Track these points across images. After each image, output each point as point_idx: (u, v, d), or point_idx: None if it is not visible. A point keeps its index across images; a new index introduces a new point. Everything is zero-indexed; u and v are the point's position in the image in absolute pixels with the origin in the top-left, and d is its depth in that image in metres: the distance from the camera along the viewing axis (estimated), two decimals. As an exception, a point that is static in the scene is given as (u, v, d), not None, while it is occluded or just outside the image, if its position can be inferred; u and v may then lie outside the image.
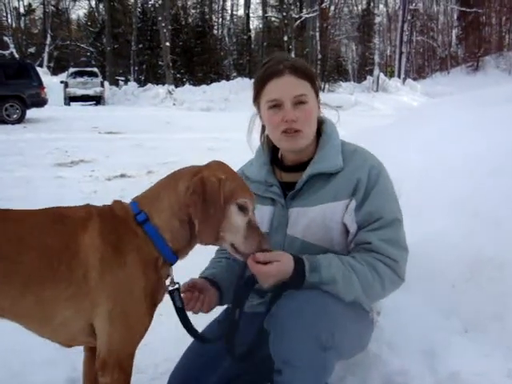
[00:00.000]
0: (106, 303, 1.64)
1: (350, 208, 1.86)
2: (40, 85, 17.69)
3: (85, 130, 15.01)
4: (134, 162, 9.42)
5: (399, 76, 36.88)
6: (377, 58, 35.28)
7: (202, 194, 1.64)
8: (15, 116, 17.14)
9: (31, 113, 17.86)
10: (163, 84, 30.95)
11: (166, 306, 3.13)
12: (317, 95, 1.97)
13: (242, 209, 1.71)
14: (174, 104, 27.28)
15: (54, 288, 1.61)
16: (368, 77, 35.10)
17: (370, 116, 19.69)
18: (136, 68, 41.46)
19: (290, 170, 2.03)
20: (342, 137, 2.03)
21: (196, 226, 1.66)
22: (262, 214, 1.99)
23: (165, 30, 31.24)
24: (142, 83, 35.24)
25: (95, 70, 30.71)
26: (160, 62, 37.37)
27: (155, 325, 3.02)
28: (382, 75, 33.34)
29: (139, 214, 1.71)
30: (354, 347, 1.92)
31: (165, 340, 2.75)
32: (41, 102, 17.85)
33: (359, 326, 1.88)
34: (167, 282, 1.79)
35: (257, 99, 1.99)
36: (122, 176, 8.18)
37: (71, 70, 30.27)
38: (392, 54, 50.67)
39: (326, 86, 33.12)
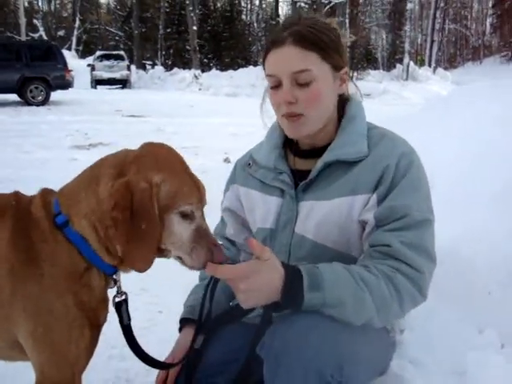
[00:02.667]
0: (25, 323, 1.33)
1: (371, 204, 1.51)
2: (65, 67, 17.55)
3: (108, 113, 14.83)
4: (154, 146, 9.16)
5: (430, 65, 36.09)
6: (407, 46, 34.46)
7: (126, 207, 1.26)
8: (40, 98, 17.07)
9: (56, 95, 17.74)
10: (190, 68, 30.71)
11: (165, 301, 2.87)
12: (336, 68, 1.59)
13: (187, 216, 1.34)
14: (200, 89, 27.02)
15: None
16: (397, 65, 34.38)
17: (398, 105, 19.16)
18: (163, 52, 41.40)
19: (305, 156, 1.68)
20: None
21: (119, 251, 1.31)
22: (268, 207, 1.68)
23: (192, 14, 30.91)
24: (168, 67, 35.06)
25: (122, 53, 30.62)
26: (187, 47, 37.10)
27: (151, 324, 2.83)
28: (411, 64, 32.59)
29: (58, 215, 1.36)
30: (369, 376, 1.55)
31: (162, 341, 2.48)
32: (65, 85, 17.71)
33: (376, 351, 1.53)
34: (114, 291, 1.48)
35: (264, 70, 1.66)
36: (140, 160, 7.93)
37: (98, 53, 30.25)
38: (423, 43, 49.61)
39: (355, 73, 32.53)
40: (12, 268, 1.32)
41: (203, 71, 30.51)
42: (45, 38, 38.65)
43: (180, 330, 1.76)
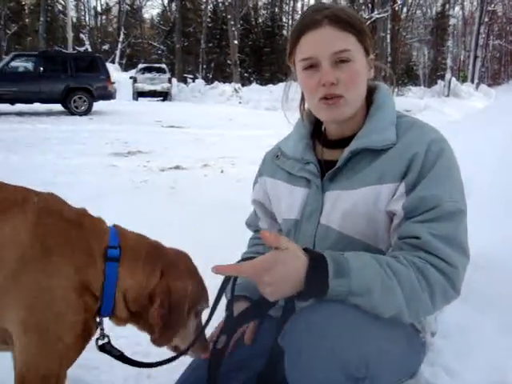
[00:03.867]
0: (22, 308, 1.34)
1: (399, 193, 1.42)
2: (108, 78, 17.93)
3: (148, 124, 15.01)
4: (192, 155, 9.21)
5: (472, 81, 35.48)
6: (449, 62, 33.94)
7: (168, 305, 1.48)
8: (83, 108, 17.44)
9: (99, 106, 18.10)
10: (230, 82, 30.94)
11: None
12: (367, 52, 1.53)
13: (198, 314, 1.59)
14: (240, 102, 27.16)
15: None
16: (439, 81, 33.91)
17: (439, 121, 18.84)
18: (204, 66, 41.92)
19: (333, 146, 1.61)
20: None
21: (154, 333, 1.52)
22: (294, 197, 1.62)
23: (233, 29, 31.23)
24: (209, 81, 35.42)
25: (163, 66, 31.12)
26: (228, 61, 37.45)
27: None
28: (453, 80, 32.09)
29: (114, 247, 1.49)
30: (396, 377, 1.46)
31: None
32: (108, 95, 18.07)
33: (404, 351, 1.43)
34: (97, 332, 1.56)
35: (291, 57, 1.59)
36: (177, 168, 7.95)
37: (140, 65, 30.84)
38: (466, 59, 48.89)
39: (395, 89, 32.24)
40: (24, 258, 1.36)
41: (243, 85, 30.70)
42: (90, 50, 39.57)
43: (227, 307, 1.66)
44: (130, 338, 2.54)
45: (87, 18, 52.63)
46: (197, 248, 3.91)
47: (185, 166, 8.09)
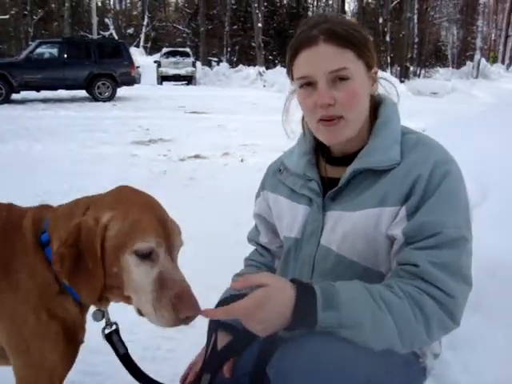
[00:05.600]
0: (2, 331, 1.36)
1: (400, 217, 1.36)
2: (131, 64, 17.96)
3: (171, 109, 15.03)
4: (213, 142, 9.20)
5: (503, 62, 34.68)
6: (479, 42, 33.19)
7: (73, 245, 1.25)
8: (106, 94, 17.52)
9: (123, 91, 18.17)
10: (254, 65, 30.74)
11: (204, 302, 2.80)
12: (369, 67, 1.46)
13: (146, 257, 1.25)
14: (264, 86, 27.00)
15: None
16: (468, 62, 33.22)
17: (467, 104, 18.47)
18: (228, 49, 41.71)
19: (336, 163, 1.55)
20: (429, 128, 1.53)
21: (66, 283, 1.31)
22: (295, 215, 1.57)
23: (257, 11, 30.91)
24: (233, 64, 35.27)
25: (187, 50, 31.06)
26: (252, 44, 37.18)
27: (186, 328, 2.76)
28: (483, 60, 31.40)
29: (44, 233, 1.38)
30: None
31: (190, 349, 2.42)
32: (131, 81, 18.15)
33: (401, 379, 1.36)
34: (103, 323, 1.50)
35: (289, 72, 1.52)
36: (197, 157, 7.95)
37: (164, 50, 30.81)
38: (497, 39, 47.79)
39: (422, 71, 31.65)
40: None
41: (268, 68, 30.45)
42: (115, 36, 39.67)
43: (210, 333, 1.64)
44: (139, 342, 2.55)
45: (112, 2, 52.76)
46: (211, 242, 3.91)
47: (205, 154, 8.08)
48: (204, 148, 8.57)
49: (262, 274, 1.29)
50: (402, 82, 29.03)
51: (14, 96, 16.62)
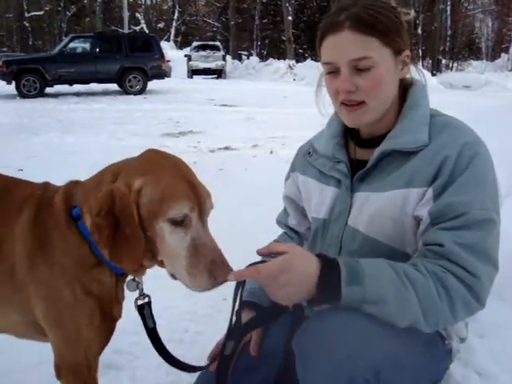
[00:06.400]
0: (39, 305, 1.39)
1: (427, 198, 1.35)
2: (162, 57, 18.09)
3: (200, 102, 15.10)
4: (242, 134, 9.22)
5: (540, 54, 33.84)
6: (515, 34, 32.52)
7: (109, 214, 1.23)
8: (137, 87, 17.69)
9: (153, 84, 18.33)
10: (284, 59, 30.66)
11: (231, 289, 2.83)
12: (398, 52, 1.44)
13: (180, 223, 1.24)
14: (294, 79, 26.89)
15: None
16: (502, 54, 32.55)
17: (500, 97, 18.13)
18: (258, 42, 41.71)
19: (365, 145, 1.55)
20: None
21: (105, 255, 1.30)
22: (324, 196, 1.58)
23: (287, 5, 30.84)
24: (263, 58, 35.25)
25: (217, 43, 31.19)
26: (282, 37, 37.09)
27: (214, 311, 2.79)
28: (519, 52, 30.73)
29: (76, 207, 1.39)
30: (417, 382, 1.39)
31: (218, 332, 2.45)
32: (161, 74, 18.28)
33: (424, 359, 1.36)
34: (136, 294, 1.50)
35: (319, 54, 1.52)
36: (226, 148, 7.98)
37: (194, 43, 30.98)
38: (533, 30, 46.56)
39: (455, 64, 31.14)
40: (28, 252, 1.37)
41: (298, 62, 30.34)
42: (146, 30, 40.02)
43: (237, 314, 1.67)
44: (168, 325, 2.58)
45: (143, -3, 53.20)
46: (238, 232, 3.93)
47: (234, 146, 8.10)
48: (233, 140, 8.59)
49: (289, 244, 1.30)
50: (433, 75, 28.66)
51: (48, 90, 16.94)
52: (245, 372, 1.55)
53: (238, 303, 1.47)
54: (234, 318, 1.49)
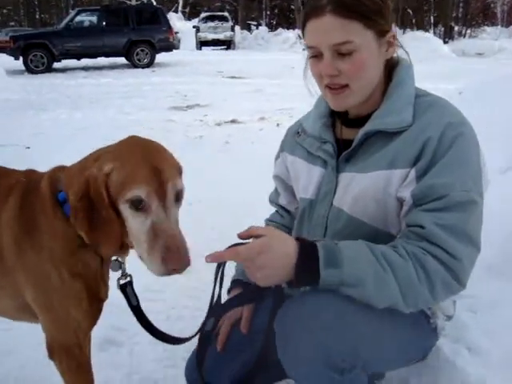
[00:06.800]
0: (28, 288, 1.43)
1: (409, 180, 1.35)
2: (169, 30, 17.96)
3: (209, 75, 15.03)
4: (250, 107, 9.18)
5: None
6: (529, -2, 31.77)
7: (85, 197, 1.29)
8: (145, 60, 17.62)
9: (162, 57, 18.26)
10: (294, 28, 30.30)
11: (231, 265, 2.87)
12: (381, 34, 1.41)
13: (137, 206, 1.27)
14: (304, 49, 26.47)
15: None
16: (517, 19, 31.86)
17: (513, 64, 17.82)
18: (268, 12, 41.14)
19: (351, 125, 1.54)
20: (468, 88, 1.48)
21: (85, 239, 1.35)
22: (311, 176, 1.58)
23: (299, -28, 30.30)
24: (273, 28, 34.84)
25: (226, 14, 30.89)
26: (292, 6, 36.57)
27: (204, 292, 2.81)
28: (534, 17, 30.06)
29: (61, 192, 1.42)
30: (397, 362, 1.44)
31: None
32: (169, 47, 18.18)
33: (404, 336, 1.39)
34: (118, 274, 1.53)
35: (304, 38, 1.51)
36: (233, 121, 7.96)
37: (202, 14, 30.74)
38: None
39: (468, 31, 30.58)
40: (16, 237, 1.41)
41: (307, 31, 29.92)
42: (153, 1, 39.61)
43: (229, 291, 1.71)
44: (167, 302, 2.62)
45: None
46: (244, 206, 3.95)
47: (241, 119, 8.08)
48: (240, 113, 8.56)
49: (267, 227, 1.31)
50: (445, 42, 28.20)
51: (56, 65, 16.91)
52: (231, 352, 1.58)
53: (218, 284, 1.49)
54: (215, 298, 1.51)
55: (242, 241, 1.33)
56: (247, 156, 5.62)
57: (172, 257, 1.23)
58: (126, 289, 1.54)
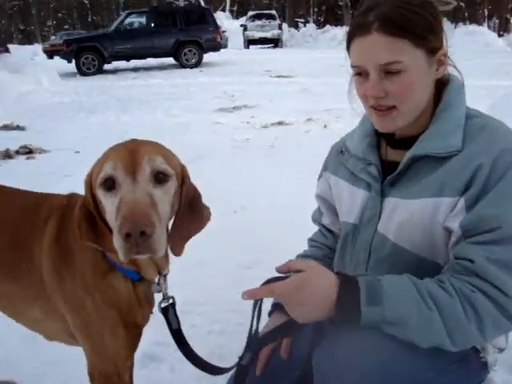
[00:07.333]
0: (67, 314, 1.43)
1: (458, 209, 1.26)
2: (216, 30, 18.09)
3: (256, 74, 15.01)
4: (297, 108, 9.09)
5: None
6: None
7: (83, 206, 1.30)
8: (193, 60, 17.79)
9: (209, 57, 18.39)
10: (342, 25, 30.00)
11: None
12: (432, 52, 1.31)
13: (109, 187, 1.21)
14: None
15: (16, 283, 1.46)
16: None
17: None
18: (315, 9, 40.86)
19: (397, 146, 1.46)
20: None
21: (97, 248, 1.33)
22: (354, 200, 1.51)
23: (345, -32, 29.99)
24: (320, 25, 34.59)
25: (273, 12, 30.85)
26: (339, 3, 36.19)
27: (250, 305, 2.76)
28: None
29: None
30: None
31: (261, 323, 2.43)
32: (216, 47, 18.33)
33: (457, 377, 1.30)
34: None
35: (349, 56, 1.43)
36: (280, 123, 7.89)
37: (250, 13, 30.81)
38: None
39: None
40: (54, 263, 1.41)
41: (356, 27, 29.60)
42: (201, 1, 39.95)
43: (270, 314, 1.66)
44: (209, 315, 2.58)
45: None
46: (292, 212, 3.88)
47: (288, 121, 8.01)
48: (287, 114, 8.49)
49: (307, 261, 1.28)
50: (500, 35, 27.36)
51: (106, 66, 17.26)
52: (270, 377, 1.52)
53: (255, 322, 1.45)
54: (253, 332, 1.47)
55: (281, 275, 1.28)
56: (294, 159, 5.55)
57: (124, 223, 1.11)
58: (168, 312, 1.51)
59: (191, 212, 1.34)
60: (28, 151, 6.39)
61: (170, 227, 1.32)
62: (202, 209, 1.39)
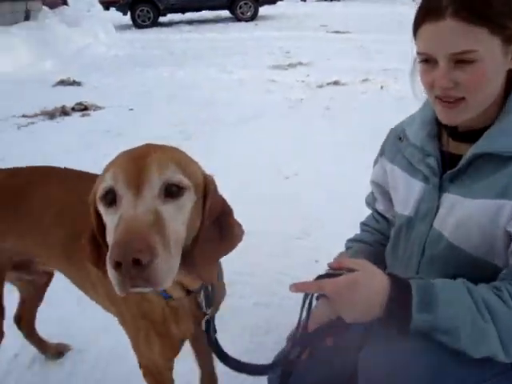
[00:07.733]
0: (110, 306, 1.50)
1: None
2: (273, -18, 17.61)
3: (312, 29, 14.63)
4: (353, 66, 8.81)
5: None
6: None
7: (91, 229, 1.17)
8: (249, 14, 17.44)
9: (265, 10, 18.03)
10: (404, -23, 28.78)
11: (325, 248, 2.72)
12: (508, 40, 1.18)
13: (110, 201, 1.03)
14: (414, 0, 25.27)
15: (78, 270, 1.53)
16: None
17: None
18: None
19: (460, 138, 1.35)
20: None
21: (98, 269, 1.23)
22: (410, 191, 1.43)
23: None
24: (381, -24, 33.23)
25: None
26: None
27: (304, 274, 2.72)
28: None
29: None
30: None
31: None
32: (272, 0, 17.87)
33: None
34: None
35: (415, 38, 1.30)
36: (335, 83, 7.67)
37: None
38: None
39: None
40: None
41: (419, -21, 28.34)
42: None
43: (317, 298, 1.61)
44: (255, 287, 2.57)
45: None
46: (343, 182, 3.81)
47: (344, 80, 7.79)
48: (343, 73, 8.24)
49: (359, 259, 1.25)
50: None
51: (161, 19, 17.14)
52: (317, 363, 1.49)
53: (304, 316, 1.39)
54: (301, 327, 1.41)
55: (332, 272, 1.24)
56: (348, 123, 5.42)
57: (113, 248, 0.91)
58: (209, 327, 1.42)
59: (218, 230, 1.14)
60: (83, 108, 6.49)
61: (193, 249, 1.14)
62: (233, 226, 1.18)
